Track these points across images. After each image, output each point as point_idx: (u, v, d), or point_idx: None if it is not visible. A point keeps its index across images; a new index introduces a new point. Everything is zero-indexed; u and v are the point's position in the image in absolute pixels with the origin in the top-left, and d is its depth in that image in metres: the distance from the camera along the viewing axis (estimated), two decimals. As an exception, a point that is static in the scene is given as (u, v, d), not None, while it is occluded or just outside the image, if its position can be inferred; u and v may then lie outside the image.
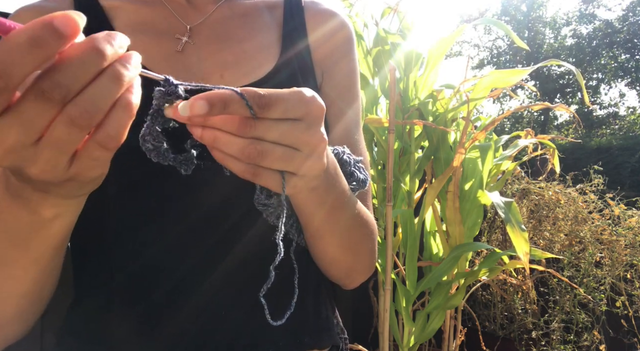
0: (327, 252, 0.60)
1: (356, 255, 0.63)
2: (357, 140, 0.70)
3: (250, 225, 0.59)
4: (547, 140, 1.81)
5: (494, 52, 23.21)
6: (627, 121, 20.22)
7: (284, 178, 0.40)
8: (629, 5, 19.49)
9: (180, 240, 0.57)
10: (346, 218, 0.57)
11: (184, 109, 0.35)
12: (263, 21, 0.69)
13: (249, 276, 0.59)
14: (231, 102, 0.35)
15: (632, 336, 2.30)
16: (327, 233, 0.57)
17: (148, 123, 0.40)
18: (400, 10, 1.71)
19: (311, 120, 0.39)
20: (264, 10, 0.71)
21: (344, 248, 0.61)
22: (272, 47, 0.67)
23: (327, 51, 0.70)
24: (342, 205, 0.55)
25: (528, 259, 1.43)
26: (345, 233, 0.59)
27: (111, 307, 0.59)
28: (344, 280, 0.67)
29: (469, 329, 2.29)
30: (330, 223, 0.55)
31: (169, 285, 0.57)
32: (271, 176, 0.40)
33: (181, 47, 0.62)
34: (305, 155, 0.39)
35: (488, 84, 1.62)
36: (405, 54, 1.68)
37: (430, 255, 1.85)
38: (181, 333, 0.56)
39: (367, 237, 0.63)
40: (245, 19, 0.68)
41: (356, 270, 0.66)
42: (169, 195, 0.57)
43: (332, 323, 0.68)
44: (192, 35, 0.63)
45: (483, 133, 1.64)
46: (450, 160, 1.67)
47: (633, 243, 2.28)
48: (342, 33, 0.71)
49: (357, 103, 0.72)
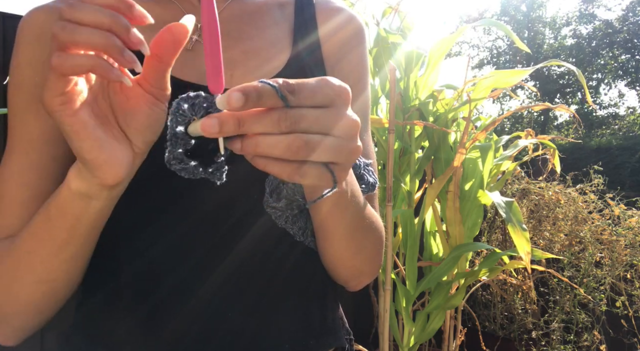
0: (335, 254, 0.60)
1: (364, 257, 0.63)
2: (366, 141, 0.69)
3: (252, 225, 0.59)
4: (548, 141, 1.81)
5: (493, 52, 23.22)
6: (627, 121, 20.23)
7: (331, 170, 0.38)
8: (628, 5, 19.50)
9: (182, 240, 0.57)
10: (356, 221, 0.57)
11: (221, 103, 0.35)
12: (273, 18, 0.69)
13: (251, 276, 0.59)
14: (264, 91, 0.34)
15: (632, 336, 2.30)
16: (336, 235, 0.57)
17: (169, 148, 0.40)
18: (401, 10, 1.71)
19: (341, 104, 0.38)
20: (274, 8, 0.71)
21: (352, 250, 0.61)
22: (283, 44, 0.67)
23: (336, 44, 0.69)
24: (353, 206, 0.55)
25: (529, 259, 1.43)
26: (355, 236, 0.59)
27: (114, 307, 0.59)
28: (350, 282, 0.67)
29: (469, 329, 2.29)
30: (340, 225, 0.55)
31: (171, 285, 0.57)
32: (316, 171, 0.38)
33: (191, 45, 0.62)
34: (345, 140, 0.38)
35: (489, 85, 1.63)
36: (405, 53, 1.68)
37: (430, 255, 1.85)
38: (183, 333, 0.56)
39: (375, 239, 0.63)
40: (255, 16, 0.68)
41: (363, 272, 0.66)
42: (172, 195, 0.57)
43: (338, 325, 0.68)
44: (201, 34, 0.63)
45: (483, 133, 1.65)
46: (451, 160, 1.67)
47: (633, 243, 2.28)
48: (351, 26, 0.71)
49: (364, 97, 0.71)
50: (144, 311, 0.57)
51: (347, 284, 0.68)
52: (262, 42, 0.66)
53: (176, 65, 0.60)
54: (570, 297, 2.34)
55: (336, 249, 0.60)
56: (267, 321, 0.59)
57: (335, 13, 0.71)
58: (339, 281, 0.67)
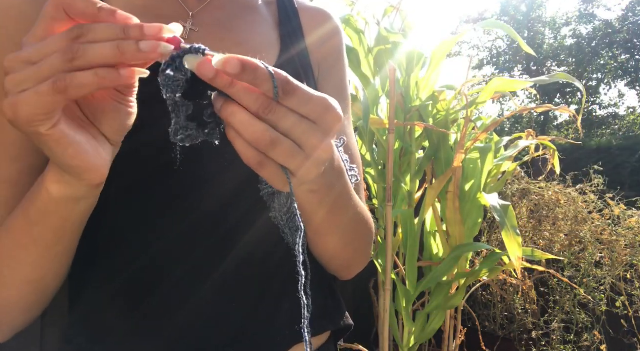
0: (327, 249, 0.62)
1: (356, 249, 0.65)
2: (349, 134, 0.72)
3: (252, 225, 0.59)
4: (548, 141, 1.81)
5: (493, 52, 23.22)
6: (627, 121, 20.23)
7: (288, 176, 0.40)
8: (628, 5, 19.50)
9: (181, 240, 0.57)
10: (347, 217, 0.58)
11: (218, 62, 0.35)
12: (261, 15, 0.70)
13: (251, 276, 0.59)
14: (262, 74, 0.35)
15: (632, 336, 2.30)
16: (328, 231, 0.58)
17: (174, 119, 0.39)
18: (402, 9, 1.71)
19: (325, 126, 0.39)
20: (261, 5, 0.71)
21: (344, 244, 0.62)
22: (273, 42, 0.67)
23: (324, 54, 0.71)
24: (343, 204, 0.55)
25: (520, 263, 1.44)
26: (346, 231, 0.60)
27: (112, 307, 0.59)
28: (342, 273, 0.69)
29: (469, 329, 2.29)
30: (331, 222, 0.56)
31: (171, 285, 0.57)
32: (275, 170, 0.39)
33: (186, 34, 0.62)
34: (305, 156, 0.39)
35: (493, 89, 1.64)
36: (407, 53, 1.68)
37: (431, 255, 1.85)
38: (183, 333, 0.56)
39: (365, 232, 0.65)
40: (245, 10, 0.68)
41: (355, 263, 0.68)
42: (171, 195, 0.57)
43: (331, 308, 0.69)
44: (195, 23, 0.63)
45: (484, 134, 1.65)
46: (451, 160, 1.67)
47: (633, 243, 2.28)
48: (338, 37, 0.74)
49: (347, 101, 0.75)
50: (144, 311, 0.57)
51: (338, 274, 0.70)
52: (253, 38, 0.66)
53: None
54: (570, 297, 2.34)
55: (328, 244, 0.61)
56: (267, 320, 0.59)
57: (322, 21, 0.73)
58: (331, 271, 0.69)
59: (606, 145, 9.10)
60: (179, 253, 0.57)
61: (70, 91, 0.35)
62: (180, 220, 0.57)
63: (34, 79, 0.35)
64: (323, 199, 0.51)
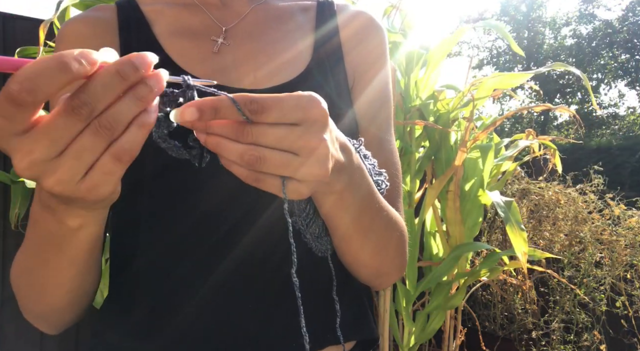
0: (355, 256, 0.59)
1: (386, 257, 0.62)
2: (389, 141, 0.70)
3: (252, 225, 0.58)
4: (548, 141, 1.81)
5: (493, 52, 23.23)
6: (627, 121, 20.25)
7: (284, 184, 0.40)
8: (628, 5, 19.51)
9: (182, 240, 0.57)
10: (374, 221, 0.57)
11: (175, 116, 0.37)
12: (296, 23, 0.70)
13: (252, 275, 0.59)
14: (221, 107, 0.36)
15: (632, 336, 2.30)
16: (354, 237, 0.56)
17: (154, 129, 0.41)
18: (402, 8, 1.71)
19: (309, 125, 0.39)
20: (297, 12, 0.71)
21: (373, 251, 0.60)
22: (305, 49, 0.67)
23: (360, 55, 0.70)
24: (369, 208, 0.54)
25: (526, 259, 1.43)
26: (374, 236, 0.58)
27: (114, 306, 0.59)
28: (373, 282, 0.67)
29: (469, 329, 2.29)
30: (357, 227, 0.55)
31: (172, 285, 0.57)
32: (272, 181, 0.40)
33: (217, 48, 0.63)
34: (301, 160, 0.39)
35: (491, 86, 1.63)
36: (406, 53, 1.68)
37: (431, 255, 1.85)
38: (184, 333, 0.56)
39: (396, 239, 0.62)
40: (279, 20, 0.69)
41: (384, 273, 0.65)
42: (172, 195, 0.57)
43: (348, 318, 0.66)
44: (227, 37, 0.64)
45: (484, 133, 1.65)
46: (451, 160, 1.67)
47: (633, 243, 2.28)
48: (377, 39, 0.71)
49: (389, 104, 0.72)
50: (144, 310, 0.57)
51: (370, 283, 0.67)
52: (285, 47, 0.66)
53: (203, 68, 0.61)
54: (570, 297, 2.34)
55: (356, 251, 0.59)
56: (268, 320, 0.59)
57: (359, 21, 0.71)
58: (362, 280, 0.66)
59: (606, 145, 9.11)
60: (180, 253, 0.57)
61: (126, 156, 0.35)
62: (181, 221, 0.57)
63: (82, 168, 0.35)
64: (347, 202, 0.50)
